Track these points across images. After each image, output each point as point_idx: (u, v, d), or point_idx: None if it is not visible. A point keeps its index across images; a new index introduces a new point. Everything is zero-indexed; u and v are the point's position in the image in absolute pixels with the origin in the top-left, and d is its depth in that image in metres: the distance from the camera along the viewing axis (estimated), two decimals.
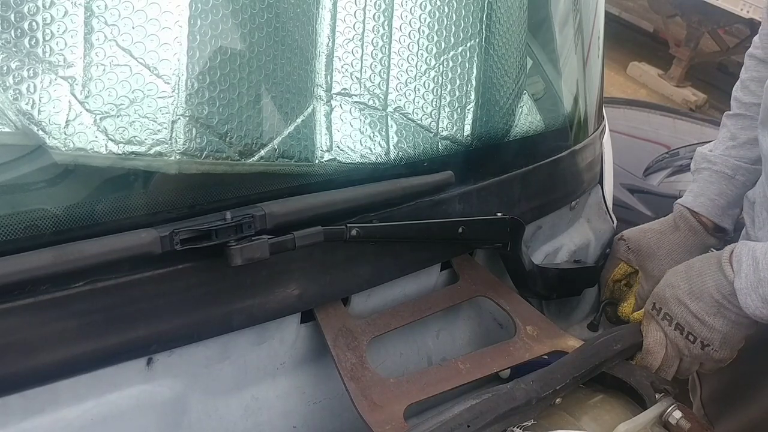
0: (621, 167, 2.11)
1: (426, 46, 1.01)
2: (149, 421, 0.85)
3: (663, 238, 1.22)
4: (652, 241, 1.22)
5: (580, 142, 1.29)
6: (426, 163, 1.03)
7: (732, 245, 0.97)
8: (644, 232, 1.24)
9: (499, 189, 1.12)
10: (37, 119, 0.74)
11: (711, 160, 1.22)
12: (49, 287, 0.72)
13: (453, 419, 0.80)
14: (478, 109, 1.08)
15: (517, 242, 1.09)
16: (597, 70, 1.38)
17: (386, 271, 1.01)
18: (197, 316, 0.83)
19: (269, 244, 0.80)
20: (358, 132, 0.97)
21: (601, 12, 1.37)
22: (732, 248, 0.96)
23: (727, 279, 0.93)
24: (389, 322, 1.01)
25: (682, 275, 0.99)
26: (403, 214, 0.98)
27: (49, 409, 0.77)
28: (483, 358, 1.00)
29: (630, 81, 6.09)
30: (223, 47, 0.82)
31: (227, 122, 0.84)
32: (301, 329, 0.96)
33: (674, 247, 1.22)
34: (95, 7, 0.75)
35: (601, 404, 0.94)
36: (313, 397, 0.99)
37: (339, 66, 0.94)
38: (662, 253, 1.21)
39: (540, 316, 1.09)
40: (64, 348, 0.74)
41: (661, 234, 1.23)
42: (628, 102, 3.58)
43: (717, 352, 0.97)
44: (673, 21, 6.09)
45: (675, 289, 0.99)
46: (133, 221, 0.77)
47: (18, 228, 0.71)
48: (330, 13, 0.93)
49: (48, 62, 0.74)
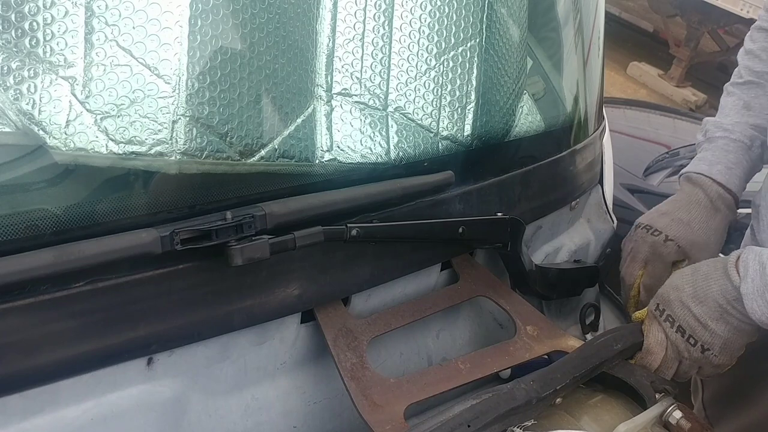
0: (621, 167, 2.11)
1: (426, 46, 1.01)
2: (149, 421, 0.85)
3: (710, 226, 1.16)
4: (701, 232, 1.16)
5: (580, 142, 1.29)
6: (426, 163, 1.03)
7: (738, 251, 0.97)
8: (688, 226, 1.15)
9: (499, 189, 1.12)
10: (37, 119, 0.74)
11: (728, 128, 1.17)
12: (49, 287, 0.72)
13: (453, 419, 0.80)
14: (479, 109, 1.08)
15: (517, 242, 1.09)
16: (597, 70, 1.38)
17: (386, 271, 1.01)
18: (197, 316, 0.83)
19: (270, 244, 0.80)
20: (358, 132, 0.97)
21: (601, 12, 1.37)
22: (738, 254, 0.95)
23: (732, 284, 0.93)
24: (389, 322, 1.01)
25: (688, 278, 0.99)
26: (403, 214, 0.98)
27: (49, 409, 0.77)
28: (483, 358, 1.00)
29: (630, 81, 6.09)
30: (224, 47, 0.82)
31: (228, 122, 0.84)
32: (301, 329, 0.96)
33: (720, 231, 1.17)
34: (96, 7, 0.75)
35: (601, 404, 0.94)
36: (313, 397, 0.99)
37: (339, 66, 0.94)
38: (713, 241, 1.17)
39: (540, 316, 1.09)
40: (64, 348, 0.74)
41: (707, 223, 1.16)
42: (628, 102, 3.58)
43: (716, 357, 0.97)
44: (673, 21, 6.10)
45: (679, 292, 0.99)
46: (134, 221, 0.77)
47: (18, 228, 0.71)
48: (330, 13, 0.93)
49: (48, 62, 0.74)
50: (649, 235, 1.17)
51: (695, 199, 1.17)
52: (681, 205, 1.18)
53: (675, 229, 1.15)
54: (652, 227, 1.17)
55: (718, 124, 1.19)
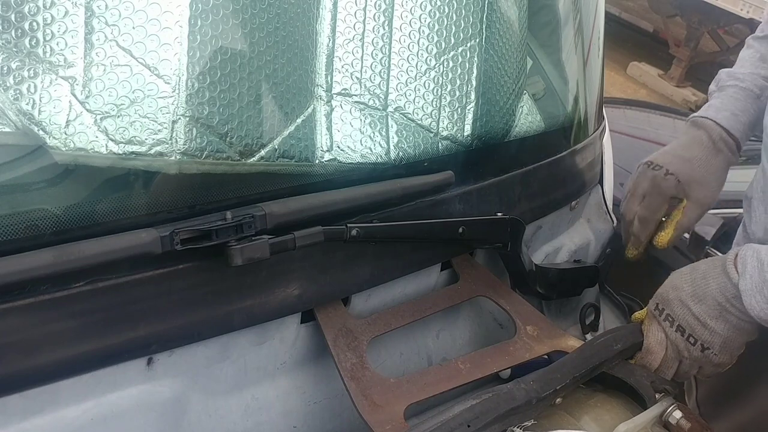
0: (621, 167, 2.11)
1: (426, 46, 1.01)
2: (149, 421, 0.85)
3: (710, 165, 1.18)
4: (702, 170, 1.17)
5: (580, 142, 1.29)
6: (426, 163, 1.03)
7: (736, 248, 0.97)
8: (690, 162, 1.18)
9: (499, 189, 1.12)
10: (37, 119, 0.74)
11: (738, 77, 1.19)
12: (49, 287, 0.72)
13: (453, 419, 0.80)
14: (479, 109, 1.08)
15: (517, 242, 1.09)
16: (597, 70, 1.38)
17: (386, 271, 1.01)
18: (197, 316, 0.83)
19: (269, 244, 0.80)
20: (358, 132, 0.97)
21: (601, 12, 1.37)
22: (737, 251, 0.96)
23: (731, 282, 0.93)
24: (389, 322, 1.01)
25: (686, 277, 0.99)
26: (403, 214, 0.98)
27: (49, 409, 0.77)
28: (483, 358, 1.00)
29: (630, 81, 6.09)
30: (224, 47, 0.82)
31: (227, 122, 0.84)
32: (301, 329, 0.96)
33: (721, 171, 1.19)
34: (96, 8, 0.75)
35: (601, 404, 0.94)
36: (313, 397, 0.99)
37: (339, 66, 0.94)
38: (713, 180, 1.18)
39: (540, 316, 1.09)
40: (64, 348, 0.74)
41: (708, 162, 1.17)
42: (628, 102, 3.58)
43: (716, 356, 0.97)
44: (673, 21, 6.09)
45: (678, 291, 0.99)
46: (134, 221, 0.77)
47: (18, 228, 0.71)
48: (330, 13, 0.93)
49: (48, 62, 0.74)
50: (650, 170, 1.20)
51: (698, 140, 1.19)
52: (684, 145, 1.21)
53: (676, 164, 1.18)
54: (654, 162, 1.20)
55: (731, 74, 1.20)
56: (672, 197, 1.20)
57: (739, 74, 1.19)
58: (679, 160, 1.18)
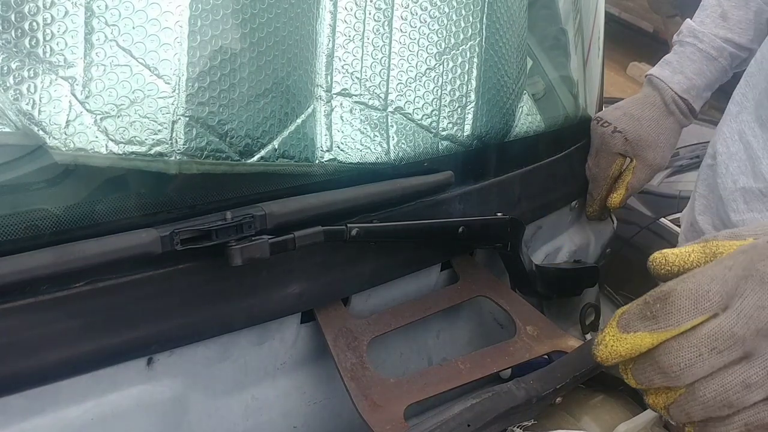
0: None
1: (426, 46, 1.01)
2: (149, 421, 0.85)
3: (661, 126, 1.18)
4: (651, 130, 1.18)
5: (580, 142, 1.29)
6: (426, 163, 1.03)
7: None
8: (639, 122, 1.18)
9: (499, 189, 1.12)
10: (37, 119, 0.74)
11: (698, 36, 1.18)
12: (49, 287, 0.72)
13: (453, 419, 0.80)
14: (478, 109, 1.08)
15: (517, 242, 1.09)
16: (597, 70, 1.38)
17: (386, 271, 1.01)
18: (197, 316, 0.83)
19: (270, 244, 0.80)
20: (358, 132, 0.97)
21: (601, 12, 1.37)
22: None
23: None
24: (389, 322, 1.01)
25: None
26: (403, 214, 0.98)
27: (50, 409, 0.77)
28: (483, 358, 1.00)
29: (630, 81, 6.08)
30: (224, 47, 0.83)
31: (227, 122, 0.84)
32: (301, 329, 0.96)
33: (671, 133, 1.20)
34: (96, 8, 0.75)
35: (601, 404, 0.94)
36: (313, 397, 0.99)
37: (339, 66, 0.94)
38: (662, 141, 1.18)
39: (540, 316, 1.09)
40: (64, 348, 0.74)
41: (658, 122, 1.18)
42: None
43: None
44: (673, 21, 6.08)
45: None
46: (134, 221, 0.77)
47: (18, 228, 0.71)
48: (330, 13, 0.93)
49: (48, 62, 0.74)
50: (599, 126, 1.22)
51: (651, 101, 1.20)
52: (636, 103, 1.22)
53: (625, 122, 1.19)
54: (603, 119, 1.21)
55: (691, 29, 1.20)
56: (620, 155, 1.20)
57: (699, 32, 1.18)
58: (628, 118, 1.19)
